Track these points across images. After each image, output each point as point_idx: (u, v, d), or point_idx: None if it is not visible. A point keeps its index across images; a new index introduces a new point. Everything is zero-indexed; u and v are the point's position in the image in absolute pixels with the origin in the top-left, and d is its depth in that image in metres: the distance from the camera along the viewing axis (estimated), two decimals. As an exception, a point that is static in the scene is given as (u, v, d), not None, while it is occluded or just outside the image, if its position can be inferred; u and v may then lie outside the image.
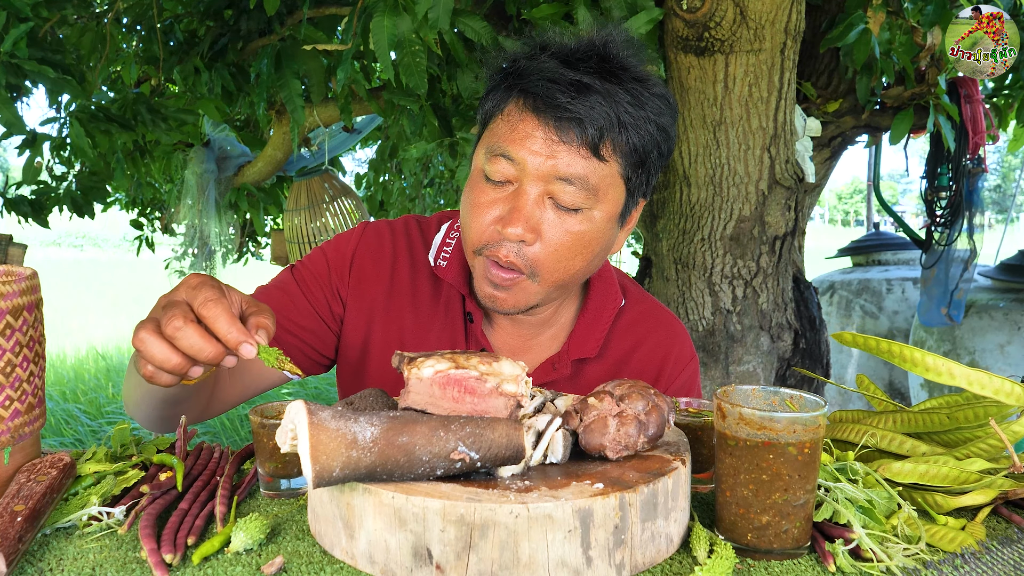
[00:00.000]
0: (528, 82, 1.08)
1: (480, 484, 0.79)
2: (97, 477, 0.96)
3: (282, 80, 2.81)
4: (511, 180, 1.09)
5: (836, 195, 57.79)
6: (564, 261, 1.11)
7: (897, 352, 0.97)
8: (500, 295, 1.14)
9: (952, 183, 3.43)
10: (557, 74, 1.06)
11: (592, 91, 1.05)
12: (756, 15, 2.23)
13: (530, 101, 1.08)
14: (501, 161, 1.09)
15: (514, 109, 1.10)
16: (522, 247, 1.09)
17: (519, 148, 1.07)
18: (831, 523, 0.87)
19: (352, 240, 1.32)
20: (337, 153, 4.83)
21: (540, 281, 1.12)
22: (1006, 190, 35.50)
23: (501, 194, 1.10)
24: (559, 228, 1.09)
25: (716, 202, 2.53)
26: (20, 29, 2.24)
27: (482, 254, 1.13)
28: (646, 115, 1.09)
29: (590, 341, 1.28)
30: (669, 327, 1.35)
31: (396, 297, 1.30)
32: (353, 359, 1.32)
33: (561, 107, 1.04)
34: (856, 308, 5.25)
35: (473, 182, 1.15)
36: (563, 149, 1.06)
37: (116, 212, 5.99)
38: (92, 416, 5.92)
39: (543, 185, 1.08)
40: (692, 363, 1.36)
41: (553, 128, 1.05)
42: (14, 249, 3.10)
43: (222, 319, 0.84)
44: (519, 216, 1.07)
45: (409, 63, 2.03)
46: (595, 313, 1.30)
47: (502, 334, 1.30)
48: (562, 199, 1.07)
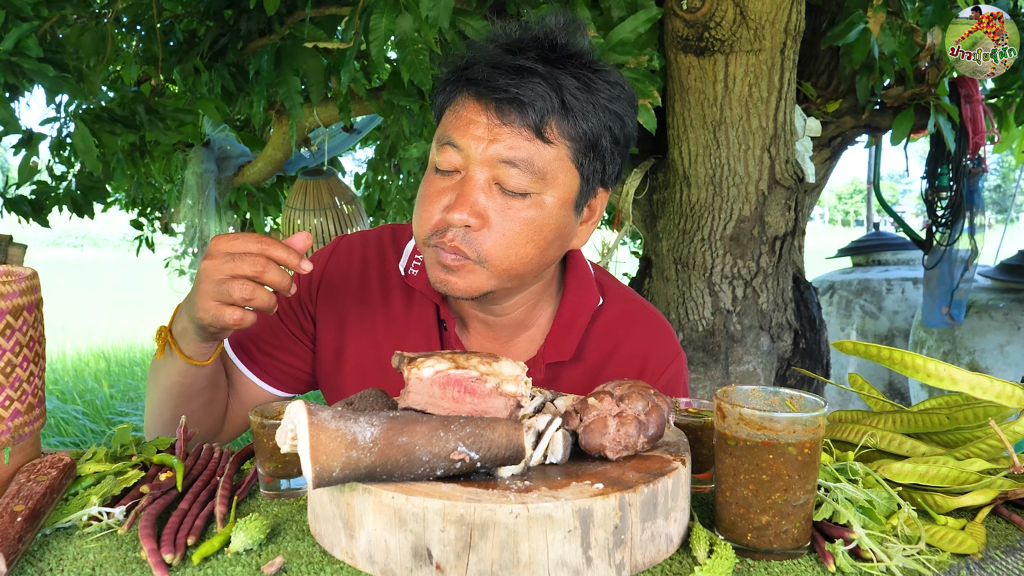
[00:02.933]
0: (471, 71, 1.08)
1: (480, 484, 0.79)
2: (97, 477, 0.96)
3: (281, 78, 2.80)
4: (459, 169, 1.09)
5: (836, 195, 57.79)
6: (514, 248, 1.09)
7: (899, 359, 0.97)
8: (451, 279, 1.11)
9: (952, 183, 3.43)
10: (499, 60, 1.07)
11: (534, 74, 1.04)
12: (756, 15, 2.23)
13: (472, 88, 1.08)
14: (448, 150, 1.09)
15: (460, 99, 1.11)
16: (468, 232, 1.08)
17: (463, 135, 1.07)
18: (831, 523, 0.87)
19: (324, 256, 1.33)
20: (337, 153, 4.83)
21: (489, 267, 1.10)
22: (1006, 190, 35.51)
23: (449, 183, 1.10)
24: (506, 214, 1.08)
25: (716, 202, 2.53)
26: (23, 28, 2.24)
27: (430, 244, 1.11)
28: (596, 100, 1.08)
29: (565, 344, 1.25)
30: (650, 325, 1.32)
31: (367, 308, 1.29)
32: (328, 370, 1.32)
33: (501, 89, 1.04)
34: (856, 308, 5.25)
35: (425, 176, 1.15)
36: (505, 132, 1.05)
37: (116, 212, 5.99)
38: (92, 416, 5.92)
39: (488, 170, 1.07)
40: (676, 361, 1.32)
41: (495, 111, 1.06)
42: (14, 249, 3.10)
43: (280, 251, 1.01)
44: (464, 201, 1.06)
45: (413, 60, 2.03)
46: (570, 315, 1.27)
47: (477, 337, 1.28)
48: (508, 183, 1.07)
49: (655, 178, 2.72)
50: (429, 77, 2.07)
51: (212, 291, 1.01)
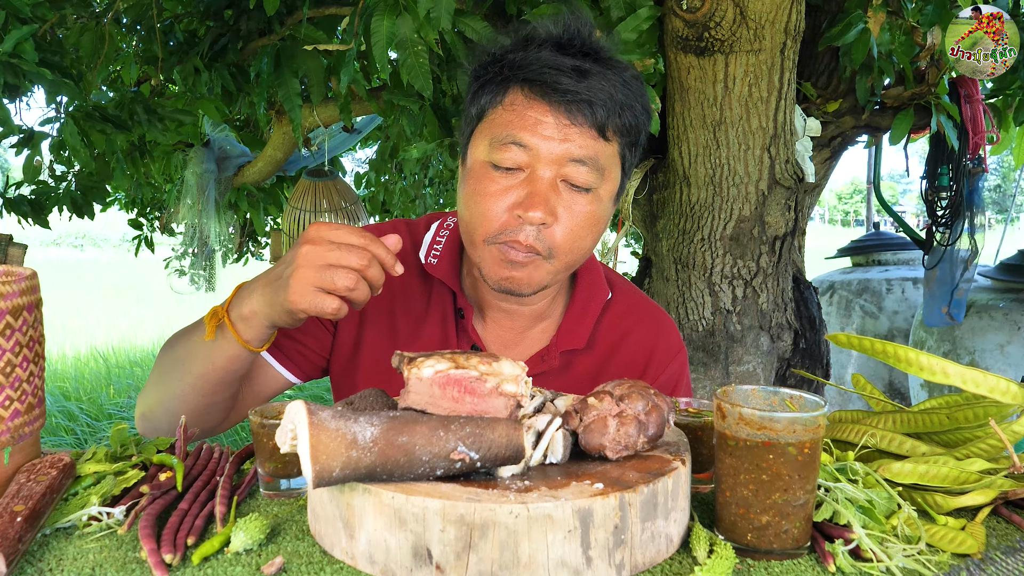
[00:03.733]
0: (528, 71, 1.10)
1: (480, 484, 0.79)
2: (97, 477, 0.96)
3: (280, 80, 2.81)
4: (522, 167, 1.11)
5: (836, 195, 57.79)
6: (578, 241, 1.14)
7: (892, 353, 0.97)
8: (517, 274, 1.14)
9: (952, 183, 3.42)
10: (556, 61, 1.09)
11: (591, 74, 1.09)
12: (756, 15, 2.23)
13: (536, 88, 1.10)
14: (512, 148, 1.10)
15: (519, 98, 1.12)
16: (541, 230, 1.11)
17: (531, 134, 1.09)
18: (831, 523, 0.87)
19: None
20: (337, 153, 4.83)
21: (555, 262, 1.14)
22: (1006, 190, 35.50)
23: (513, 181, 1.11)
24: (572, 209, 1.12)
25: (716, 202, 2.53)
26: (23, 31, 2.24)
27: (496, 242, 1.13)
28: (633, 95, 1.13)
29: (578, 332, 1.30)
30: (656, 319, 1.37)
31: (386, 296, 1.30)
32: (344, 360, 1.32)
33: (570, 91, 1.08)
34: (856, 308, 5.25)
35: (477, 173, 1.15)
36: (575, 131, 1.09)
37: (116, 212, 5.99)
38: (92, 416, 5.92)
39: (556, 168, 1.10)
40: (680, 355, 1.37)
41: (564, 112, 1.09)
42: (14, 249, 3.09)
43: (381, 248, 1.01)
44: (539, 199, 1.09)
45: (412, 64, 2.03)
46: (583, 305, 1.31)
47: (494, 328, 1.31)
48: (576, 180, 1.11)
49: (655, 178, 2.72)
50: (429, 82, 2.06)
51: (313, 277, 0.99)
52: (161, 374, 1.24)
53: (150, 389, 1.25)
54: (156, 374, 1.25)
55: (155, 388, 1.24)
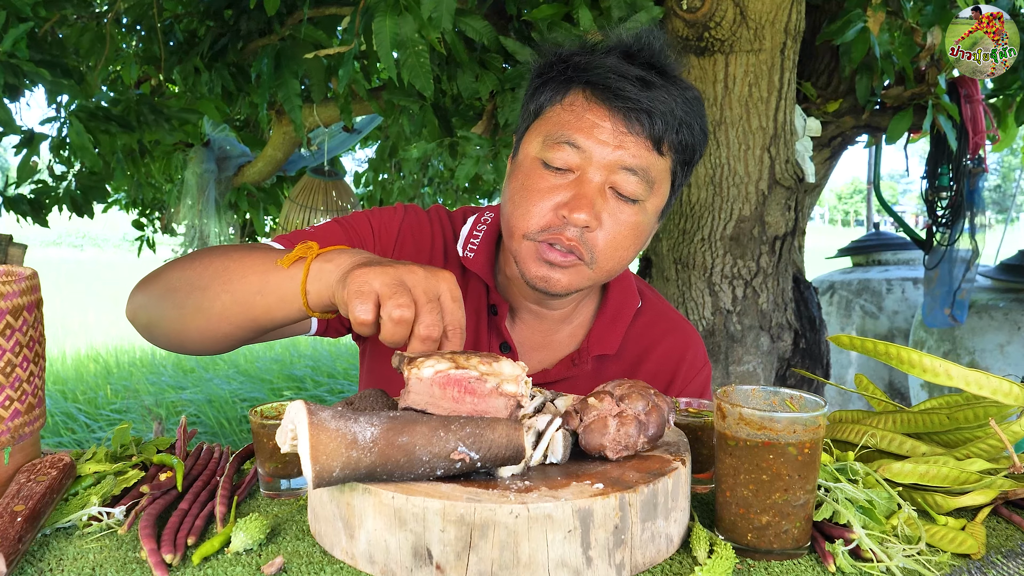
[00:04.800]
0: (593, 74, 1.10)
1: (480, 484, 0.78)
2: (97, 477, 0.96)
3: (281, 80, 2.81)
4: (572, 168, 1.11)
5: (836, 195, 57.78)
6: (619, 251, 1.14)
7: (894, 354, 0.97)
8: (555, 275, 1.13)
9: (952, 183, 3.42)
10: (623, 68, 1.09)
11: (656, 87, 1.09)
12: (756, 15, 2.23)
13: (598, 92, 1.10)
14: (565, 148, 1.10)
15: (579, 99, 1.12)
16: (584, 232, 1.10)
17: (587, 137, 1.09)
18: (831, 523, 0.87)
19: (397, 215, 1.32)
20: (337, 153, 4.83)
21: (596, 268, 1.14)
22: (1006, 190, 35.51)
23: (561, 181, 1.11)
24: (617, 218, 1.12)
25: (716, 202, 2.53)
26: (20, 29, 2.24)
27: (535, 238, 1.12)
28: (695, 115, 1.13)
29: (610, 338, 1.30)
30: (684, 331, 1.37)
31: None
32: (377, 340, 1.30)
33: (631, 99, 1.07)
34: (856, 308, 5.25)
35: (527, 169, 1.15)
36: (630, 140, 1.09)
37: (116, 212, 5.99)
38: (92, 416, 5.92)
39: (606, 174, 1.10)
40: (705, 368, 1.38)
41: (622, 119, 1.09)
42: (14, 249, 3.09)
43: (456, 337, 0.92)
44: (586, 202, 1.08)
45: (413, 64, 2.03)
46: (615, 312, 1.31)
47: (524, 328, 1.31)
48: (624, 189, 1.10)
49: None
50: (430, 81, 2.07)
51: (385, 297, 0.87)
52: (189, 280, 1.06)
53: (162, 291, 1.09)
54: (179, 277, 1.08)
55: (172, 293, 1.07)
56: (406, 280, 0.89)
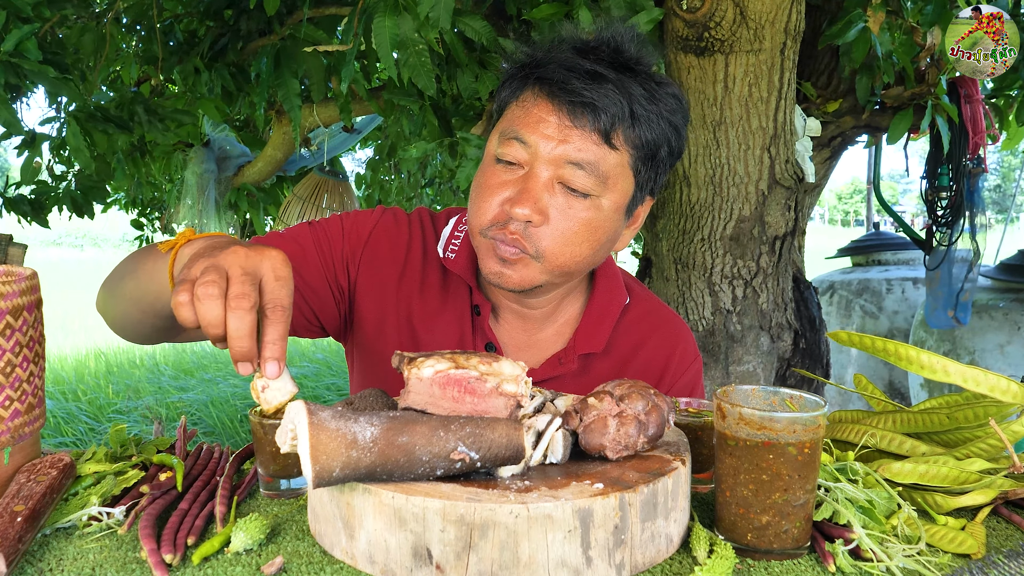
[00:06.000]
0: (545, 70, 1.11)
1: (480, 484, 0.79)
2: (97, 477, 0.96)
3: (280, 80, 2.81)
4: (522, 163, 1.12)
5: (836, 195, 57.77)
6: (570, 246, 1.13)
7: (893, 351, 0.97)
8: (506, 271, 1.14)
9: (952, 183, 3.42)
10: (573, 63, 1.09)
11: (606, 80, 1.08)
12: (756, 15, 2.23)
13: (545, 87, 1.11)
14: (514, 144, 1.11)
15: (530, 95, 1.13)
16: (528, 227, 1.11)
17: (532, 132, 1.10)
18: (831, 523, 0.87)
19: (372, 218, 1.32)
20: (337, 153, 4.83)
21: (545, 263, 1.13)
22: (1006, 190, 35.50)
23: (511, 176, 1.12)
24: (567, 213, 1.11)
25: (716, 202, 2.53)
26: (24, 30, 2.24)
27: (488, 235, 1.14)
28: (659, 111, 1.12)
29: (597, 336, 1.29)
30: (673, 326, 1.37)
31: (407, 283, 1.30)
32: (369, 338, 1.31)
33: (575, 92, 1.07)
34: (856, 308, 5.25)
35: (484, 166, 1.17)
36: (575, 134, 1.09)
37: (116, 212, 5.99)
38: (92, 416, 5.92)
39: (554, 169, 1.10)
40: (696, 363, 1.37)
41: (567, 113, 1.08)
42: (14, 249, 3.10)
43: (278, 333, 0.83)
44: (528, 197, 1.09)
45: (415, 63, 2.03)
46: (601, 309, 1.31)
47: (508, 328, 1.31)
48: (572, 183, 1.10)
49: (655, 178, 2.71)
50: (432, 80, 2.06)
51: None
52: (120, 270, 1.17)
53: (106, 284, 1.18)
54: (117, 269, 1.18)
55: (108, 284, 1.18)
56: (222, 262, 0.84)
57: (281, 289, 0.85)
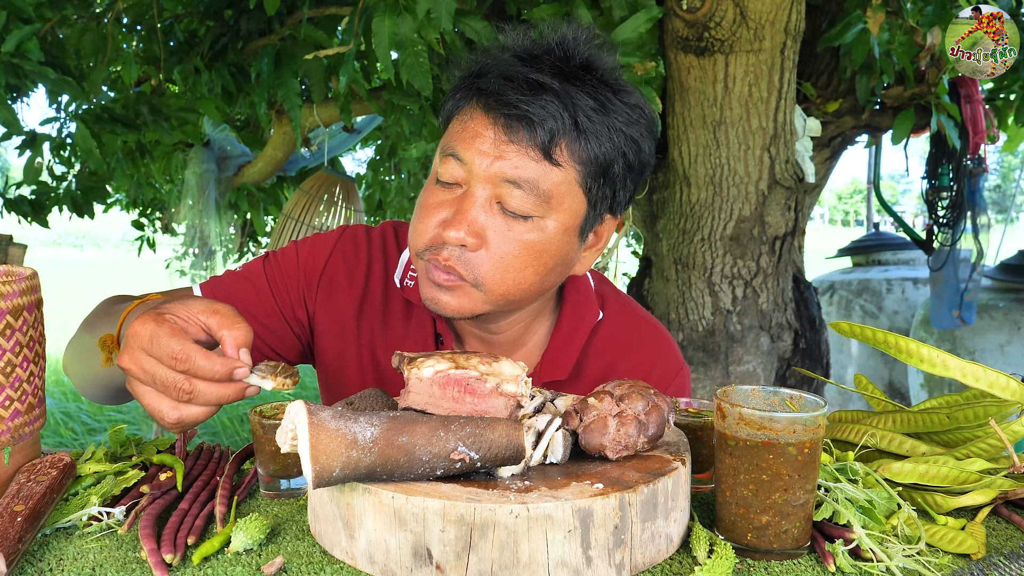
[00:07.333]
0: (483, 80, 1.03)
1: (480, 484, 0.79)
2: (97, 477, 0.96)
3: (280, 80, 2.81)
4: (460, 183, 1.04)
5: (836, 195, 57.75)
6: (512, 272, 1.04)
7: (893, 343, 0.97)
8: (442, 297, 1.06)
9: (953, 183, 3.42)
10: (513, 71, 1.00)
11: (547, 90, 0.99)
12: (756, 15, 2.23)
13: (482, 99, 1.03)
14: (451, 162, 1.03)
15: (467, 109, 1.05)
16: (464, 252, 1.02)
17: (467, 148, 1.02)
18: (831, 523, 0.87)
19: (327, 245, 1.26)
20: (337, 153, 4.83)
21: (485, 291, 1.04)
22: (1006, 190, 35.50)
23: (450, 196, 1.04)
24: (506, 235, 1.02)
25: (716, 202, 2.53)
26: (25, 31, 2.24)
27: (423, 257, 1.06)
28: (611, 122, 1.02)
29: (562, 363, 1.21)
30: (652, 341, 1.27)
31: (367, 311, 1.25)
32: (331, 370, 1.28)
33: (511, 105, 0.98)
34: (856, 308, 5.26)
35: (427, 184, 1.10)
36: (512, 150, 1.00)
37: (116, 212, 5.99)
38: (92, 416, 5.92)
39: (491, 188, 1.01)
40: (680, 376, 1.28)
41: (502, 127, 1.00)
42: (14, 249, 3.10)
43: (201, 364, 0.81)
44: (462, 219, 1.01)
45: (412, 64, 2.03)
46: (568, 332, 1.22)
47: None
48: (510, 203, 1.01)
49: (655, 178, 2.72)
50: (429, 81, 2.07)
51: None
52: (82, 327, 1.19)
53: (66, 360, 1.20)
54: (83, 324, 1.20)
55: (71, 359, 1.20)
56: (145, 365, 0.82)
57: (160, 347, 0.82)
